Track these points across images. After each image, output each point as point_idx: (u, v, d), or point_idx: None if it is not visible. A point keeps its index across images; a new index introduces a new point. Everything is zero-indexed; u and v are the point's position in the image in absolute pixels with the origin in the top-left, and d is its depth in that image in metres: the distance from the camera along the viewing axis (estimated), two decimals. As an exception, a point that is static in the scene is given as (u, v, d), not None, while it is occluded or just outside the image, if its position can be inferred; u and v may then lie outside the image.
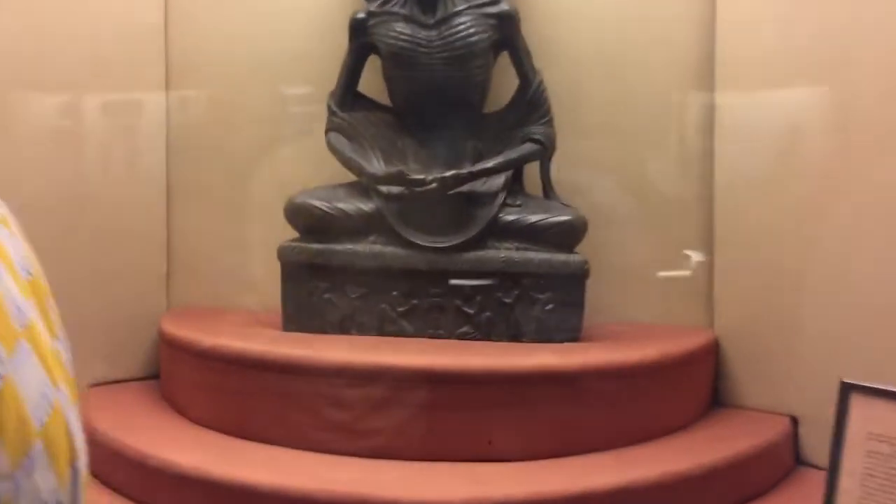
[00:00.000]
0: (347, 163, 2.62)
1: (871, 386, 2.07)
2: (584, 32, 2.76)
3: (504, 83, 2.69)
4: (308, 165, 2.82)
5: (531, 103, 2.61)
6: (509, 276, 2.48)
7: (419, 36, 2.56)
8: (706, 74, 2.68)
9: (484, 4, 2.56)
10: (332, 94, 2.68)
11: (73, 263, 2.68)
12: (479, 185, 2.55)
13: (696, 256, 2.76)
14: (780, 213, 2.58)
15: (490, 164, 2.54)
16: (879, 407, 1.86)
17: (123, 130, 2.90)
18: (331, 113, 2.67)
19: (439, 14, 2.56)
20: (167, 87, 2.90)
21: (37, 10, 2.63)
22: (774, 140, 2.59)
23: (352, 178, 2.66)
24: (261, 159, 2.91)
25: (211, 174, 2.92)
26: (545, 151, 2.60)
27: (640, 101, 2.76)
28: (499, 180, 2.57)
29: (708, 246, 2.73)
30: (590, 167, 2.80)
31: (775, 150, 2.59)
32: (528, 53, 2.60)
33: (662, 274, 2.81)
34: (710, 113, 2.70)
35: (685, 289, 2.79)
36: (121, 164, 2.88)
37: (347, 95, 2.68)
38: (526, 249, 2.49)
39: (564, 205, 2.57)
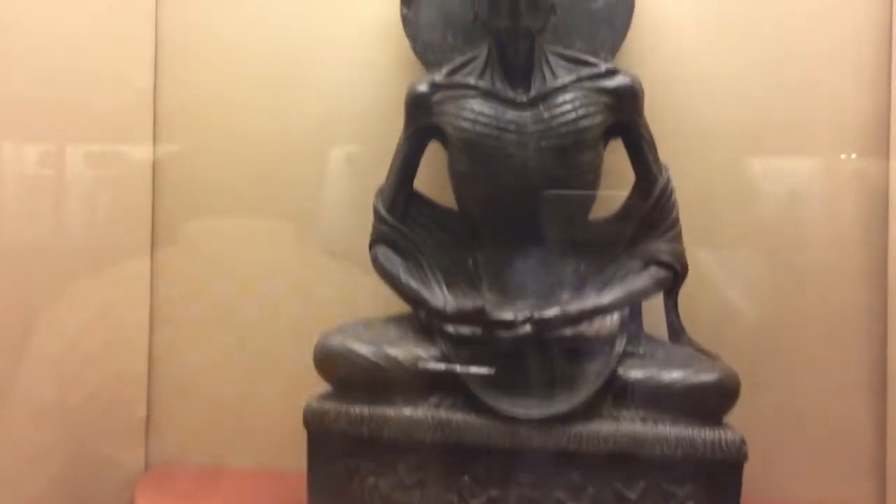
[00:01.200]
0: (402, 290, 1.90)
1: None
2: (712, 101, 2.06)
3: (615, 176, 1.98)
4: (347, 282, 2.11)
5: (655, 210, 1.90)
6: (633, 461, 1.74)
7: (506, 118, 1.85)
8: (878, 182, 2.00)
9: (596, 76, 1.87)
10: (381, 194, 1.97)
11: (17, 400, 1.99)
12: (587, 327, 1.83)
13: (864, 416, 2.05)
14: None
15: (606, 299, 1.82)
16: None
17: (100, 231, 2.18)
18: (377, 218, 1.96)
19: (535, 89, 1.85)
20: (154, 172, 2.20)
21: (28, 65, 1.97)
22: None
23: (403, 305, 1.94)
24: (271, 265, 2.19)
25: (207, 291, 2.20)
26: (675, 278, 1.88)
27: (789, 188, 2.09)
28: (613, 319, 1.85)
29: (880, 400, 2.02)
30: (716, 288, 2.09)
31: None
32: (651, 142, 1.91)
33: (819, 438, 2.08)
34: (881, 226, 2.01)
35: (847, 458, 2.08)
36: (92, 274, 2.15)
37: (401, 195, 1.97)
38: (657, 421, 1.75)
39: (703, 352, 1.85)
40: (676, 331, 1.91)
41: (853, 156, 2.04)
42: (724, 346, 1.91)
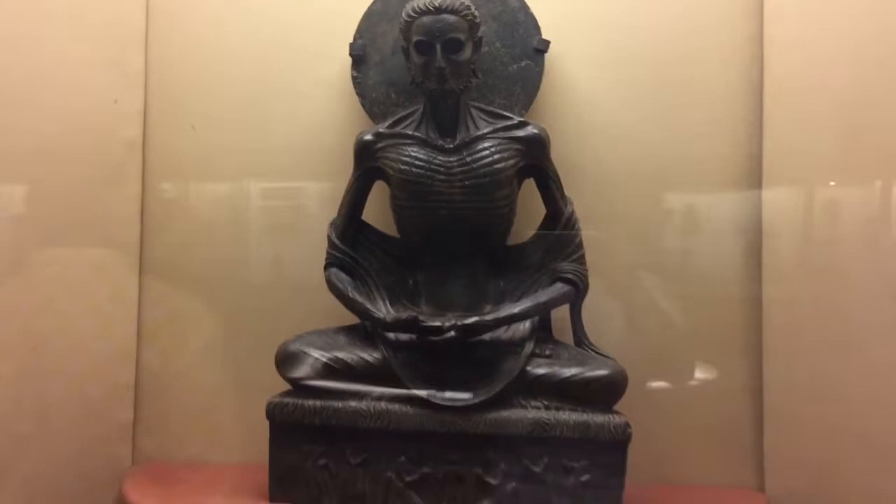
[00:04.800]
0: (350, 304, 2.27)
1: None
2: (611, 147, 2.46)
3: (532, 209, 2.36)
4: (306, 300, 2.47)
5: (561, 237, 2.29)
6: (539, 441, 2.11)
7: (436, 162, 2.24)
8: (751, 194, 2.40)
9: (510, 127, 2.27)
10: (333, 224, 2.35)
11: (24, 408, 2.34)
12: (503, 333, 2.21)
13: (742, 402, 2.43)
14: (839, 344, 2.25)
15: (517, 309, 2.20)
16: None
17: (90, 253, 2.52)
18: (331, 245, 2.33)
19: (460, 137, 2.25)
20: (143, 204, 2.56)
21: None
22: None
23: (354, 319, 2.31)
24: (250, 291, 2.55)
25: (188, 306, 2.56)
26: (578, 293, 2.27)
27: (675, 220, 2.50)
28: (525, 326, 2.23)
29: (757, 393, 2.40)
30: (617, 297, 2.47)
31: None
32: (558, 180, 2.30)
33: (703, 424, 2.46)
34: (755, 230, 2.41)
35: (730, 442, 2.45)
36: (84, 294, 2.49)
37: (350, 226, 2.35)
38: (558, 409, 2.13)
39: (601, 354, 2.23)
40: (580, 337, 2.29)
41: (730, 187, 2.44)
42: (625, 350, 2.29)
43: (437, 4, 2.15)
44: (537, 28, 2.37)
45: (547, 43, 2.36)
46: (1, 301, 2.31)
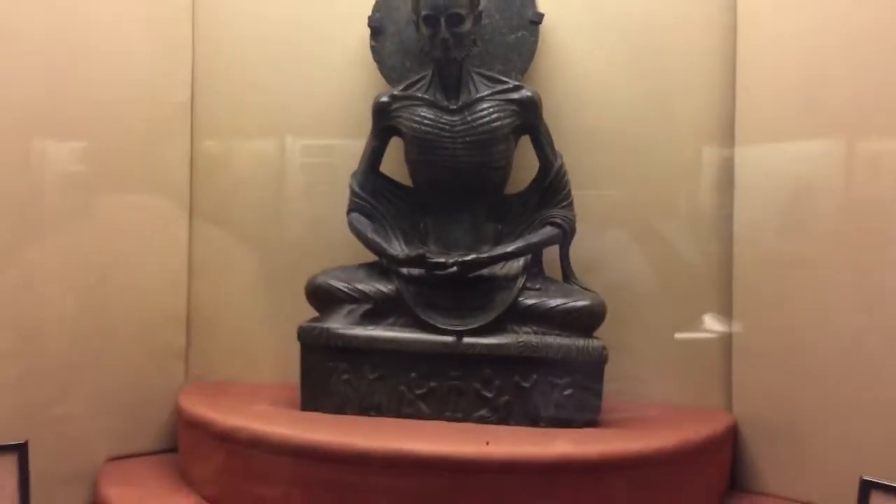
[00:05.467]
0: (368, 244, 2.63)
1: (892, 485, 2.07)
2: (600, 108, 2.78)
3: (527, 164, 2.70)
4: (332, 241, 2.82)
5: (551, 186, 2.62)
6: (528, 361, 2.47)
7: (442, 121, 2.58)
8: (725, 152, 2.70)
9: (506, 90, 2.59)
10: (355, 175, 2.71)
11: (91, 334, 2.72)
12: (499, 269, 2.57)
13: (714, 335, 2.75)
14: (800, 288, 2.55)
15: (510, 248, 2.55)
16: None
17: (146, 199, 2.90)
18: (353, 194, 2.69)
19: (462, 100, 2.59)
20: (192, 157, 2.94)
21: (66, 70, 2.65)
22: (793, 208, 2.58)
23: (373, 257, 2.67)
24: (284, 233, 2.93)
25: (232, 245, 2.94)
26: (565, 235, 2.61)
27: (657, 174, 2.78)
28: (518, 263, 2.58)
29: (727, 323, 2.73)
30: (605, 243, 2.80)
31: (795, 218, 2.58)
32: (549, 137, 2.63)
33: (679, 353, 2.80)
34: (728, 184, 2.70)
35: (703, 369, 2.78)
36: (142, 235, 2.88)
37: (370, 176, 2.70)
38: (545, 334, 2.49)
39: (584, 289, 2.58)
40: (567, 274, 2.64)
41: (706, 146, 2.75)
42: (608, 287, 2.63)
43: (441, -17, 2.48)
44: (533, 2, 2.68)
45: (541, 15, 2.67)
46: (68, 240, 2.66)
